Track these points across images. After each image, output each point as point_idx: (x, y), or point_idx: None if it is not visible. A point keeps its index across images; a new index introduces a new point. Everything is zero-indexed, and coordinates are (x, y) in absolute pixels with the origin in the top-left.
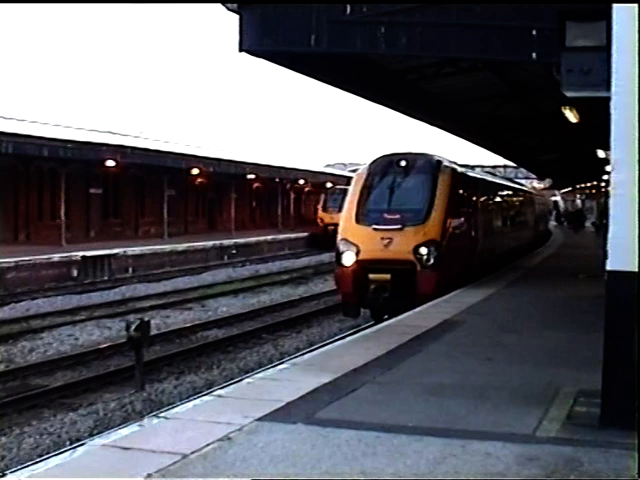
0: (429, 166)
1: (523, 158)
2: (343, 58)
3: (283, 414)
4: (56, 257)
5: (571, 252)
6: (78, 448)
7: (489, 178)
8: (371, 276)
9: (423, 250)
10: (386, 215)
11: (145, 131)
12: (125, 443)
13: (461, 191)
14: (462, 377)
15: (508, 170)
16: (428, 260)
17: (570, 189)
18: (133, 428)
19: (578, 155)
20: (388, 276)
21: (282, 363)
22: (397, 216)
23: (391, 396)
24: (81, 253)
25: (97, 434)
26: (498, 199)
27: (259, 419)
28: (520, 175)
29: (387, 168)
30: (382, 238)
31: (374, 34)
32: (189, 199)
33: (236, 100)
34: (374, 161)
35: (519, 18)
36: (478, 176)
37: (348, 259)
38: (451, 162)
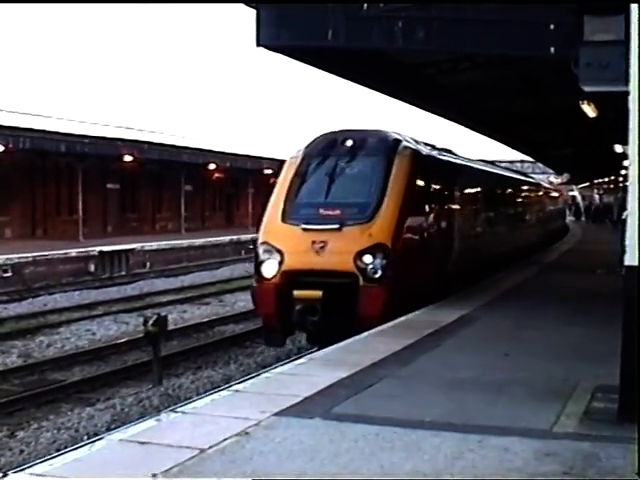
0: (382, 146)
1: (540, 153)
2: (360, 53)
3: (301, 409)
4: (73, 252)
5: (589, 248)
6: (96, 443)
7: (477, 165)
8: (296, 293)
9: (367, 258)
10: (321, 211)
11: (162, 126)
12: (142, 438)
13: (428, 179)
14: (480, 372)
15: (525, 165)
16: (374, 271)
17: (588, 184)
18: (150, 423)
19: (596, 150)
20: (319, 293)
21: (300, 358)
22: (336, 212)
23: (409, 391)
24: (98, 248)
25: (114, 429)
26: (490, 191)
27: (277, 414)
28: (537, 170)
29: (328, 150)
30: (314, 242)
31: (391, 29)
32: (206, 194)
33: (253, 95)
34: (312, 141)
35: (537, 12)
36: (458, 162)
37: (269, 270)
38: (418, 142)
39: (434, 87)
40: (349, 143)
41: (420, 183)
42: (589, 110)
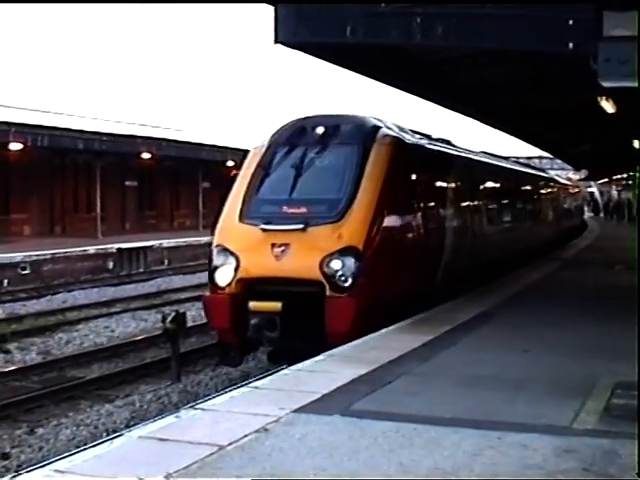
0: (358, 134)
1: (558, 149)
2: (379, 49)
3: (320, 406)
4: (92, 249)
5: (608, 244)
6: (115, 439)
7: (478, 158)
8: (252, 305)
9: (336, 263)
10: (285, 208)
11: (180, 123)
12: (162, 434)
13: (413, 172)
14: (499, 369)
15: (544, 161)
16: (344, 279)
17: (606, 180)
18: (170, 420)
19: (614, 146)
20: (278, 305)
21: (318, 354)
22: (301, 210)
23: (428, 388)
24: (117, 245)
25: (134, 425)
26: (493, 186)
27: (296, 411)
28: (555, 166)
29: (296, 138)
30: (274, 245)
31: (409, 25)
32: (224, 191)
33: (270, 91)
34: (280, 128)
35: (556, 8)
36: (453, 153)
37: (224, 277)
38: (403, 129)
39: (452, 84)
40: (320, 130)
41: (403, 176)
42: (608, 106)
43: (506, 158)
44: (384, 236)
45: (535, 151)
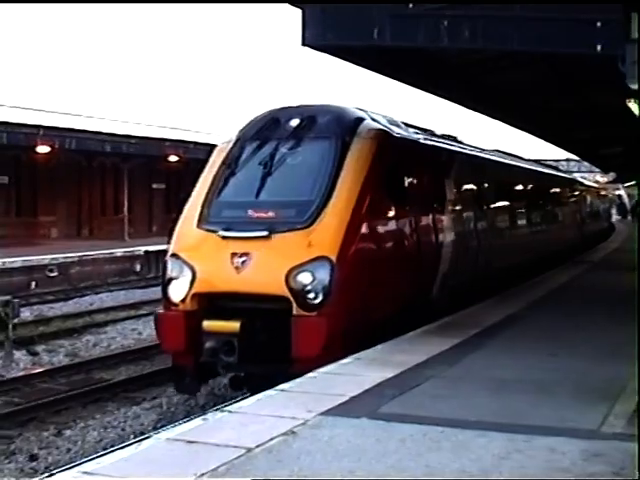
0: (337, 126)
1: (586, 151)
2: (406, 51)
3: (347, 408)
4: (119, 252)
5: (635, 246)
6: (143, 442)
7: (484, 155)
8: (206, 324)
9: (304, 277)
10: (250, 213)
11: (208, 126)
12: (189, 437)
13: (403, 169)
14: (526, 372)
15: (571, 164)
16: (313, 296)
17: (634, 183)
18: (197, 422)
19: None
20: (236, 325)
21: (345, 357)
22: (268, 214)
23: (455, 391)
24: (144, 248)
25: (161, 428)
26: (503, 187)
27: (323, 413)
28: (583, 169)
29: (266, 132)
30: (234, 255)
31: (437, 28)
32: None
33: (296, 92)
34: (250, 121)
35: (583, 9)
36: (454, 149)
37: (178, 292)
38: (394, 122)
39: (479, 86)
40: (294, 123)
41: (389, 174)
42: (636, 108)
43: (526, 159)
44: (363, 244)
45: (563, 153)
